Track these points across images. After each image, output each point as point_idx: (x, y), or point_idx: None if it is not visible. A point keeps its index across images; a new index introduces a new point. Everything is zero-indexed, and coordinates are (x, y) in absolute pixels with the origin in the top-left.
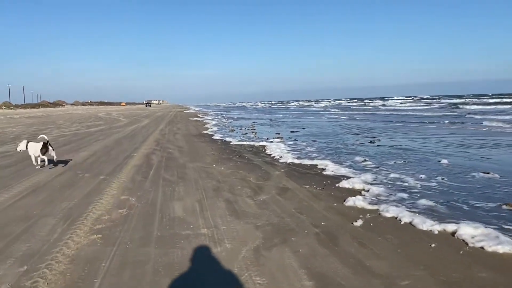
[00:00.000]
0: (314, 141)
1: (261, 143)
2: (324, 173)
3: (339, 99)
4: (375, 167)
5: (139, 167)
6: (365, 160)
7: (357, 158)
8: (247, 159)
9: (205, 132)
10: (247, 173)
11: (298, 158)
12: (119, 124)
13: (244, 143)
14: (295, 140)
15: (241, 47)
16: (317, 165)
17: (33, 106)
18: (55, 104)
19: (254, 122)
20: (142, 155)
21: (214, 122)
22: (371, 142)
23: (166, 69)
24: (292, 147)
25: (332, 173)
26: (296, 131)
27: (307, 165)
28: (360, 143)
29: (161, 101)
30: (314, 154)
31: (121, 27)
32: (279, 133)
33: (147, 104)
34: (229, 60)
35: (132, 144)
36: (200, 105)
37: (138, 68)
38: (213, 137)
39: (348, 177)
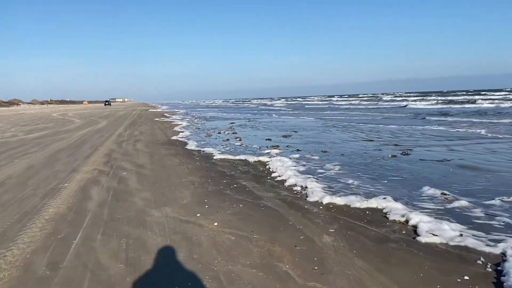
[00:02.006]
0: (325, 152)
1: (256, 158)
2: (423, 240)
3: (296, 97)
4: (489, 216)
5: (58, 224)
6: (446, 194)
7: (430, 191)
8: (252, 196)
9: (176, 138)
10: (269, 243)
11: (332, 191)
12: (69, 127)
13: (232, 157)
14: (298, 150)
15: (205, 45)
16: (383, 210)
17: None
18: (10, 103)
19: (232, 123)
20: (76, 188)
21: (184, 123)
22: (404, 153)
23: (130, 68)
24: (305, 165)
25: (443, 242)
26: (289, 135)
27: (364, 210)
28: (392, 156)
29: (126, 99)
30: (350, 181)
31: (85, 23)
32: (270, 139)
33: (107, 103)
34: (192, 59)
35: (71, 161)
36: (164, 103)
37: (103, 66)
38: (187, 147)
39: (491, 259)
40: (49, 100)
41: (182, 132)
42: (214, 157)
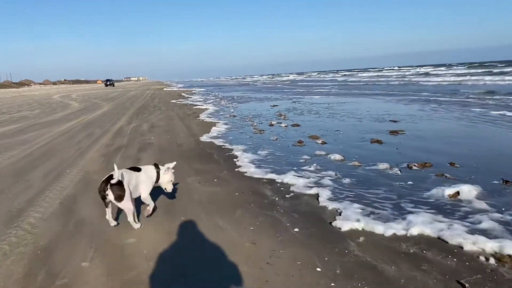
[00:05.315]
0: None
1: (471, 242)
2: None
3: (300, 73)
4: None
5: None
6: None
7: None
8: None
9: (208, 138)
10: None
11: None
12: (56, 116)
13: (383, 225)
14: (506, 182)
15: (222, 22)
16: None
17: None
18: (20, 84)
19: (274, 106)
20: None
21: (210, 107)
22: None
23: (145, 46)
24: None
25: None
26: (400, 131)
27: None
28: None
29: (141, 78)
30: None
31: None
32: (379, 141)
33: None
34: (209, 35)
35: None
36: (177, 81)
37: (118, 46)
38: (240, 167)
39: None
40: (62, 80)
41: (215, 124)
42: (341, 228)
